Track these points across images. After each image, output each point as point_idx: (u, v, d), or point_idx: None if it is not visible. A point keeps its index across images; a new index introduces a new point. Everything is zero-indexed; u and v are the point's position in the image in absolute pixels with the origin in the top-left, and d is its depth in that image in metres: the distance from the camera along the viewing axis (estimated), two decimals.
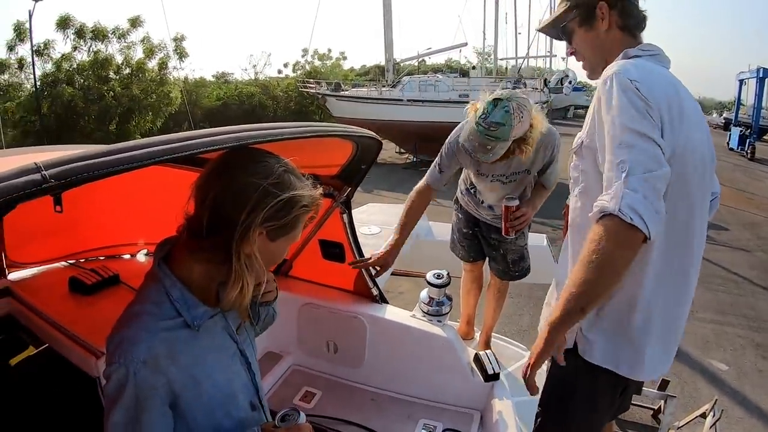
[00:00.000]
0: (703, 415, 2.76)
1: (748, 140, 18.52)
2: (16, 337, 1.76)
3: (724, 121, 28.33)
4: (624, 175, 1.03)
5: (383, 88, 17.14)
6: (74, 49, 16.73)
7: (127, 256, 2.31)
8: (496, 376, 1.86)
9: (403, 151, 16.43)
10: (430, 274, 2.07)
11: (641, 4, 1.33)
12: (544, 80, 16.18)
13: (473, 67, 30.05)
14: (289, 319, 2.19)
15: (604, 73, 1.20)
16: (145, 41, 17.63)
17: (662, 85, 1.16)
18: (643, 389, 2.93)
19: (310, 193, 0.90)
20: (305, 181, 0.91)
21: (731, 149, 19.57)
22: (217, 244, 0.84)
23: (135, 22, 17.25)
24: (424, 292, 2.08)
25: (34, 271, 2.03)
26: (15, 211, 0.72)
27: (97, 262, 2.14)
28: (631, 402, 1.80)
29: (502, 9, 35.27)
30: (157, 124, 18.10)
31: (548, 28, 1.43)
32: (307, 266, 2.27)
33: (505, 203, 2.17)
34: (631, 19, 1.30)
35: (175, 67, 18.84)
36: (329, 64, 35.34)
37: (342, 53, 37.82)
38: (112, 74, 17.08)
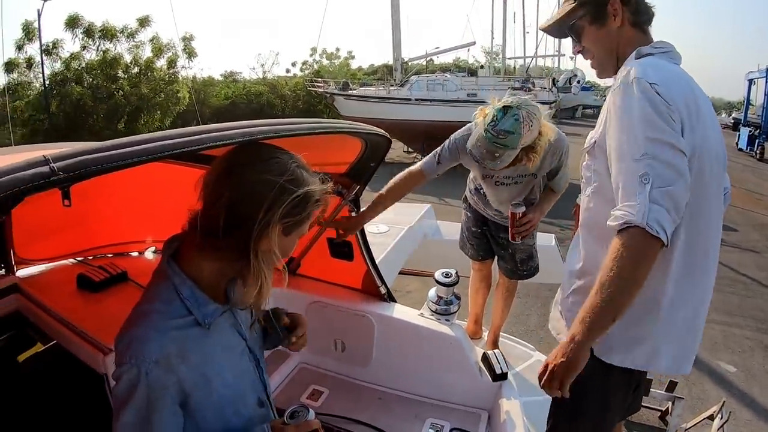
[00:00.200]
0: (711, 417, 2.74)
1: (758, 140, 18.34)
2: (24, 333, 1.77)
3: (732, 122, 28.09)
4: (649, 187, 1.05)
5: (391, 88, 17.13)
6: (83, 48, 16.88)
7: (135, 254, 2.31)
8: (504, 376, 1.84)
9: (411, 150, 16.43)
10: (438, 273, 2.05)
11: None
12: (553, 80, 16.14)
13: (481, 67, 29.92)
14: None
15: (623, 75, 1.17)
16: (154, 41, 17.75)
17: (679, 85, 1.15)
18: (651, 390, 2.92)
19: (321, 187, 0.90)
20: (315, 176, 0.91)
21: (740, 150, 19.39)
22: (234, 243, 0.83)
23: (144, 22, 17.37)
24: (433, 291, 2.07)
25: (42, 268, 2.04)
26: (24, 209, 0.71)
27: (105, 260, 2.14)
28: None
29: (510, 8, 35.18)
30: (166, 122, 18.25)
31: (553, 27, 1.40)
32: (315, 264, 2.26)
33: (512, 209, 2.15)
34: (643, 15, 1.28)
35: (184, 67, 18.99)
36: (337, 63, 35.45)
37: (350, 52, 38.06)
38: (121, 73, 17.24)
